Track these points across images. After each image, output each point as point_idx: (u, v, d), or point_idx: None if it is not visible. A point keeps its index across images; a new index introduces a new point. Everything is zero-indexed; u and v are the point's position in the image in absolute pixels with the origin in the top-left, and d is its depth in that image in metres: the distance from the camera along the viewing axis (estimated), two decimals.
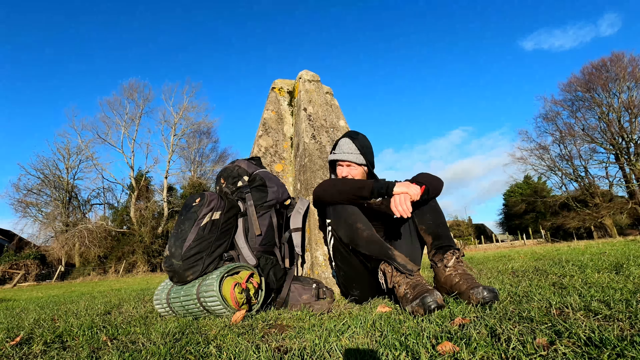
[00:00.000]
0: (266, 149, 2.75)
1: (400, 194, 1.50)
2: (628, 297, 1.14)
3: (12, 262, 19.69)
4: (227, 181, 1.92)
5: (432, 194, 1.62)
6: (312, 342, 0.97)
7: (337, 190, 1.63)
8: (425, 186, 1.57)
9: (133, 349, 1.07)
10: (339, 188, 1.63)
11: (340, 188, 1.63)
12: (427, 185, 1.59)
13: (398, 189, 1.53)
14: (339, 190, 1.63)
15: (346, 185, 1.63)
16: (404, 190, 1.51)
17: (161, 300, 1.66)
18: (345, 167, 1.85)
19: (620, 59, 24.53)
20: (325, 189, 1.68)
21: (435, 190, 1.64)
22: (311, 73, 2.98)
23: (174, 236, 1.65)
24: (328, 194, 1.66)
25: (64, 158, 25.98)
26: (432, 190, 1.61)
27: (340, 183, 1.66)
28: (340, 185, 1.64)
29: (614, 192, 25.93)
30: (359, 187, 1.59)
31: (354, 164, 1.84)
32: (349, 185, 1.62)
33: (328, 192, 1.66)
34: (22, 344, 1.26)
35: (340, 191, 1.62)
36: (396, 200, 1.49)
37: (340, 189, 1.63)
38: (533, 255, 3.96)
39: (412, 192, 1.51)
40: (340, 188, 1.63)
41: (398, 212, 1.47)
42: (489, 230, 39.75)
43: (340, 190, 1.62)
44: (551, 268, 2.22)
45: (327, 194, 1.67)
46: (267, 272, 1.74)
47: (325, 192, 1.67)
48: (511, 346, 0.80)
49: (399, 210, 1.47)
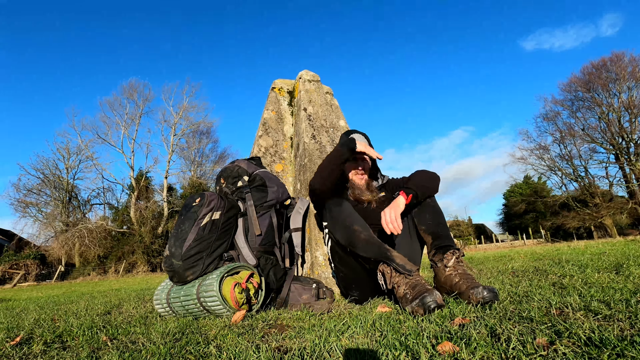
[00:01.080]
0: (266, 149, 2.75)
1: (391, 209, 1.53)
2: (628, 297, 1.14)
3: (12, 262, 19.69)
4: (227, 181, 1.92)
5: (426, 196, 1.65)
6: (312, 342, 0.97)
7: (322, 172, 1.70)
8: (412, 194, 1.60)
9: (133, 349, 1.07)
10: (322, 169, 1.71)
11: (323, 168, 1.71)
12: (418, 190, 1.62)
13: (360, 147, 1.67)
14: (323, 170, 1.70)
15: (326, 163, 1.71)
16: (362, 148, 1.64)
17: (161, 300, 1.66)
18: (360, 161, 1.92)
19: (621, 59, 24.54)
20: (314, 179, 1.73)
21: (429, 190, 1.66)
22: (311, 73, 2.98)
23: (174, 236, 1.65)
24: (317, 180, 1.71)
25: (64, 158, 25.99)
26: (426, 193, 1.64)
27: (320, 167, 1.74)
28: (322, 167, 1.72)
29: (614, 192, 25.95)
30: (334, 156, 1.68)
31: (367, 158, 1.92)
32: (327, 161, 1.71)
33: (317, 179, 1.71)
34: (22, 344, 1.27)
35: (323, 168, 1.70)
36: (386, 217, 1.52)
37: (323, 167, 1.71)
38: (533, 255, 3.97)
39: (398, 207, 1.54)
40: (323, 168, 1.71)
41: (389, 229, 1.50)
42: (489, 230, 39.73)
43: (323, 167, 1.71)
44: (551, 268, 2.22)
45: (316, 181, 1.72)
46: (267, 272, 1.74)
47: (315, 181, 1.72)
48: (511, 346, 0.80)
49: (389, 228, 1.49)
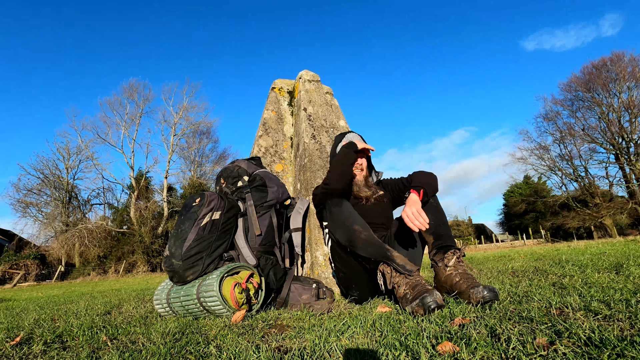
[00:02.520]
0: (266, 149, 2.75)
1: (410, 206, 1.48)
2: (628, 297, 1.14)
3: (12, 262, 19.67)
4: (227, 181, 1.92)
5: (430, 194, 1.64)
6: (312, 342, 0.97)
7: (336, 173, 1.71)
8: (423, 190, 1.59)
9: (133, 349, 1.07)
10: (335, 170, 1.72)
11: (336, 168, 1.73)
12: (425, 187, 1.61)
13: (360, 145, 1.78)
14: (336, 170, 1.72)
15: (338, 164, 1.74)
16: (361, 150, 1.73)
17: (161, 300, 1.66)
18: (360, 158, 1.94)
19: (621, 59, 24.51)
20: (333, 181, 1.70)
21: (432, 189, 1.66)
22: (311, 73, 2.98)
23: (174, 236, 1.65)
24: (336, 180, 1.70)
25: (64, 158, 25.94)
26: (430, 191, 1.64)
27: (333, 168, 1.75)
28: (335, 168, 1.73)
29: (614, 192, 25.93)
30: (345, 157, 1.75)
31: (365, 154, 1.97)
32: (339, 162, 1.74)
33: (335, 180, 1.70)
34: (22, 344, 1.27)
35: (336, 169, 1.72)
36: (408, 214, 1.45)
37: (336, 168, 1.73)
38: (533, 255, 3.96)
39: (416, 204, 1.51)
40: (336, 168, 1.73)
41: (416, 226, 1.43)
42: (489, 230, 39.71)
43: (336, 168, 1.73)
44: (551, 268, 2.21)
45: (335, 181, 1.69)
46: (267, 272, 1.73)
47: (333, 181, 1.69)
48: (511, 346, 0.80)
49: (416, 224, 1.43)
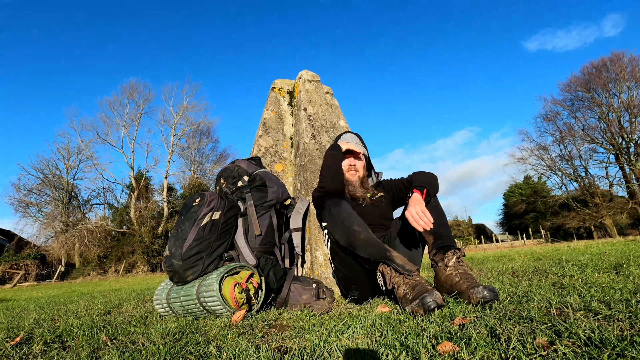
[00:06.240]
0: (266, 149, 2.75)
1: (414, 206, 1.47)
2: (628, 297, 1.14)
3: (12, 262, 19.67)
4: (227, 181, 1.92)
5: (432, 194, 1.64)
6: (312, 342, 0.97)
7: (328, 174, 1.68)
8: (426, 189, 1.58)
9: (133, 349, 1.07)
10: (326, 172, 1.68)
11: (327, 170, 1.69)
12: (427, 187, 1.60)
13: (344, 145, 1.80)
14: (327, 172, 1.68)
15: (329, 165, 1.70)
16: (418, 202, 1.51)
17: (161, 300, 1.66)
18: (353, 158, 1.92)
19: (620, 59, 24.51)
20: (326, 183, 1.68)
21: (434, 189, 1.66)
22: (311, 73, 2.98)
23: (174, 236, 1.65)
24: (328, 180, 1.67)
25: (64, 158, 25.96)
26: (432, 191, 1.64)
27: (325, 170, 1.71)
28: (326, 170, 1.69)
29: (614, 192, 25.93)
30: (333, 158, 1.71)
31: (360, 155, 1.93)
32: (329, 164, 1.70)
33: (327, 181, 1.67)
34: (22, 344, 1.27)
35: (327, 170, 1.68)
36: (412, 214, 1.45)
37: (327, 170, 1.68)
38: (533, 255, 3.97)
39: (420, 203, 1.50)
40: (327, 170, 1.69)
41: (420, 226, 1.42)
42: (489, 230, 39.71)
43: (327, 170, 1.69)
44: (551, 268, 2.21)
45: (328, 183, 1.67)
46: (267, 272, 1.73)
47: (327, 183, 1.68)
48: (511, 346, 0.80)
49: (421, 224, 1.42)
